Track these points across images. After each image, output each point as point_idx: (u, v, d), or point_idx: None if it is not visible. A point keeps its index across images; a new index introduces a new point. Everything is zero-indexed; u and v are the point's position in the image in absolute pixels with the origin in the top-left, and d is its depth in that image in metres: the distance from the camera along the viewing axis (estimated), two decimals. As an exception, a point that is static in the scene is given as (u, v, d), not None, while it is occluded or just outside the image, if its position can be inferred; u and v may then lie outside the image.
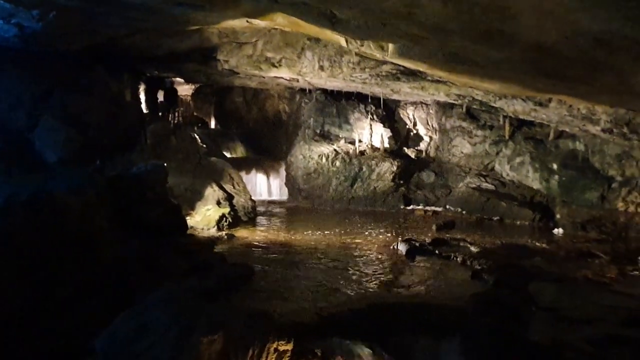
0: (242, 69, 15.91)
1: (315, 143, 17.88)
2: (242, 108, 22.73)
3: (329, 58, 14.60)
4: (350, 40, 9.15)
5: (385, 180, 16.49)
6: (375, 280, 7.70)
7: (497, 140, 15.42)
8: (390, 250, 9.54)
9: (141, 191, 8.23)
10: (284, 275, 7.75)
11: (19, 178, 8.76)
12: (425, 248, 9.25)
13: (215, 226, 10.56)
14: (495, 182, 15.27)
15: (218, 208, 11.05)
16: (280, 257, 8.90)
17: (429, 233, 11.15)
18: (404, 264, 8.74)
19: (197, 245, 8.41)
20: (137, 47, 14.09)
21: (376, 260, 8.94)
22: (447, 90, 14.60)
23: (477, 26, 5.81)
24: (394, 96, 18.35)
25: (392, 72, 14.27)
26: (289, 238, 10.42)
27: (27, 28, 9.40)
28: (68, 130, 10.83)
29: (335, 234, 11.17)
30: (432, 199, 16.05)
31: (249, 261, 7.95)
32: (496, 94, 12.75)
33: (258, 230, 11.08)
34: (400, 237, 10.26)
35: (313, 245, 9.80)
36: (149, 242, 7.50)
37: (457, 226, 12.28)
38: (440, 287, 7.31)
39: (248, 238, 10.02)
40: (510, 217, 13.25)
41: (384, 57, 9.32)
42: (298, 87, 19.03)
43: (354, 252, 9.43)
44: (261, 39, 14.72)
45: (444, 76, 9.87)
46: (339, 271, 8.16)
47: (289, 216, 13.93)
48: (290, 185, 18.18)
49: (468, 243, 9.64)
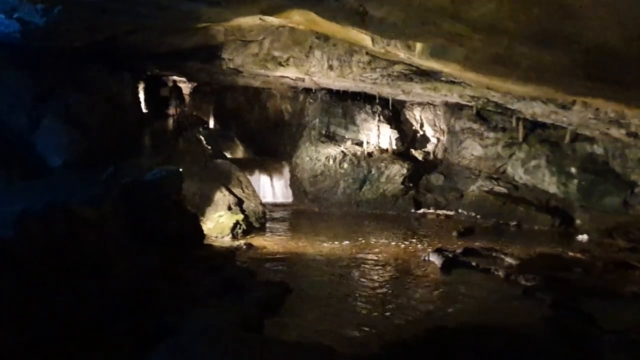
0: (247, 67, 15.37)
1: (321, 144, 17.40)
2: (242, 107, 22.17)
3: (339, 57, 14.12)
4: (376, 40, 8.69)
5: (394, 183, 16.06)
6: (421, 300, 7.25)
7: (510, 143, 15.06)
8: (421, 262, 9.11)
9: (157, 199, 7.68)
10: (319, 294, 7.28)
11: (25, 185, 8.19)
12: (460, 260, 8.81)
13: (230, 234, 10.04)
14: (508, 185, 14.91)
15: (231, 214, 10.52)
16: (307, 271, 8.40)
17: (451, 240, 10.72)
18: (442, 279, 8.26)
19: (219, 258, 7.89)
20: (139, 45, 13.52)
21: (412, 275, 8.48)
22: (461, 91, 14.19)
23: (534, 26, 5.38)
24: (402, 97, 17.91)
25: (405, 73, 13.83)
26: (308, 248, 9.95)
27: (29, 23, 8.80)
28: (71, 132, 10.24)
29: (356, 242, 10.72)
30: (443, 202, 15.65)
31: (277, 276, 7.44)
32: (514, 95, 12.38)
33: (274, 238, 10.57)
34: (430, 248, 9.79)
35: (337, 256, 9.33)
36: (168, 256, 6.97)
37: (476, 232, 11.85)
38: (492, 307, 6.85)
39: (267, 247, 9.51)
40: (528, 222, 12.88)
41: (411, 57, 8.88)
42: (302, 86, 18.55)
43: (387, 265, 8.94)
44: (268, 37, 14.19)
45: (472, 78, 9.44)
46: (380, 289, 7.64)
47: (299, 221, 13.43)
48: (295, 188, 17.68)
49: (501, 253, 9.22)
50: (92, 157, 10.65)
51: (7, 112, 9.65)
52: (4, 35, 9.16)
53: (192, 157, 12.40)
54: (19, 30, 8.92)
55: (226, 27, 13.18)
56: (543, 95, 9.69)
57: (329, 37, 13.54)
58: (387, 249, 10.06)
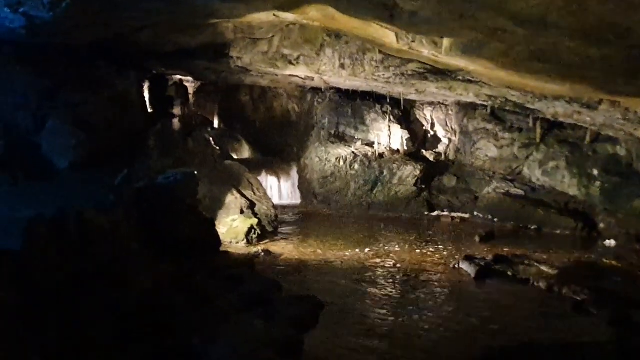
0: (256, 66, 14.93)
1: (331, 145, 16.98)
2: (248, 107, 21.72)
3: (351, 56, 13.70)
4: (401, 36, 8.27)
5: (407, 184, 15.64)
6: (461, 314, 6.81)
7: (527, 144, 14.64)
8: (452, 270, 8.66)
9: (170, 204, 7.25)
10: (351, 308, 6.86)
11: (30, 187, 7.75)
12: (493, 269, 8.35)
13: (244, 239, 9.61)
14: (525, 187, 14.49)
15: (244, 219, 10.09)
16: (333, 282, 7.94)
17: (474, 245, 10.30)
18: (479, 290, 7.81)
19: (238, 267, 7.46)
20: (145, 43, 13.09)
21: (444, 285, 8.03)
22: (478, 90, 13.76)
23: (588, 19, 4.96)
24: (413, 96, 17.49)
25: (419, 71, 13.39)
26: (328, 255, 9.52)
27: (36, 18, 8.36)
28: (77, 133, 9.82)
29: (376, 248, 10.27)
30: (457, 204, 15.23)
31: (304, 288, 6.98)
32: (536, 95, 11.97)
33: (289, 243, 10.14)
34: (455, 254, 9.35)
35: (360, 265, 8.91)
36: (184, 265, 6.54)
37: (497, 236, 11.42)
38: (543, 324, 6.41)
39: (284, 254, 9.08)
40: (548, 225, 12.46)
41: (436, 54, 8.46)
42: (310, 85, 18.12)
43: (415, 275, 8.52)
44: (278, 34, 13.77)
45: (499, 76, 9.00)
46: (414, 302, 7.24)
47: (311, 224, 12.99)
48: (304, 189, 17.26)
49: (534, 261, 8.78)
50: (99, 159, 10.23)
51: (12, 112, 9.22)
52: (8, 32, 8.72)
53: (201, 158, 11.98)
54: (25, 25, 8.48)
55: (236, 24, 12.78)
56: (573, 95, 9.25)
57: (340, 35, 13.13)
58: (411, 256, 9.63)
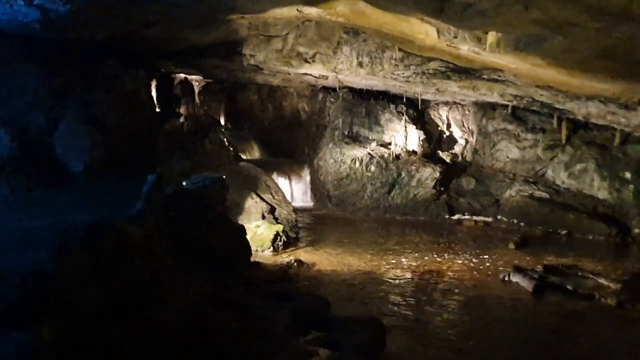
0: (269, 64, 14.42)
1: (346, 146, 16.46)
2: (256, 106, 21.19)
3: (369, 54, 13.22)
4: (443, 31, 7.79)
5: (426, 187, 15.16)
6: (535, 337, 6.25)
7: (551, 145, 14.18)
8: (503, 284, 8.10)
9: (199, 211, 6.73)
10: (417, 332, 6.32)
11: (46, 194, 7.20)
12: (550, 282, 7.79)
13: (271, 247, 9.09)
14: (549, 190, 14.04)
15: (269, 225, 9.55)
16: (381, 296, 7.41)
17: (509, 253, 9.80)
18: (541, 308, 7.20)
19: (275, 280, 6.92)
20: (155, 40, 12.59)
21: (504, 302, 7.40)
22: (503, 89, 13.30)
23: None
24: (429, 96, 17.03)
25: (441, 70, 12.93)
26: (364, 264, 8.97)
27: (51, 12, 7.80)
28: (93, 134, 9.27)
29: (412, 256, 9.72)
30: (478, 207, 14.75)
31: (355, 306, 6.42)
32: (567, 95, 11.51)
33: (317, 251, 9.59)
34: (498, 263, 8.82)
35: (403, 277, 8.38)
36: (218, 278, 6.02)
37: (531, 243, 10.93)
38: (631, 353, 5.86)
39: (317, 264, 8.53)
40: (580, 230, 11.98)
41: (478, 50, 7.97)
42: (323, 85, 17.62)
43: (467, 290, 7.92)
44: (293, 31, 13.27)
45: (544, 75, 8.50)
46: (476, 320, 6.72)
47: (332, 229, 12.45)
48: (317, 191, 16.75)
49: (588, 272, 8.27)
50: (114, 161, 9.68)
51: (23, 112, 8.64)
52: (21, 26, 8.16)
53: (219, 160, 11.44)
54: (39, 19, 7.92)
55: (251, 20, 12.32)
56: (623, 95, 8.78)
57: (358, 33, 12.66)
58: (452, 266, 9.11)
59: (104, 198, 7.87)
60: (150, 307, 4.84)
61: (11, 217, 6.51)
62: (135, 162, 10.61)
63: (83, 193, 7.97)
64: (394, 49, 12.99)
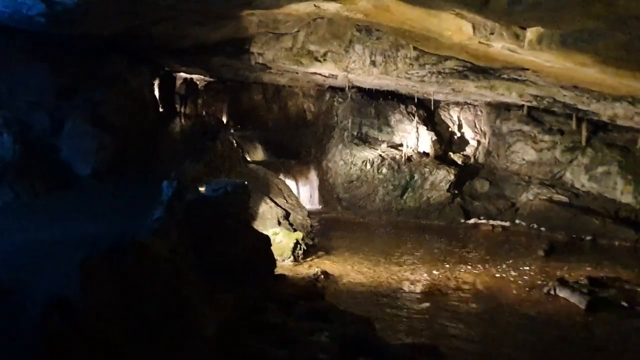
0: (278, 63, 13.87)
1: (356, 147, 15.97)
2: (261, 106, 20.61)
3: (383, 52, 12.69)
4: (479, 27, 7.31)
5: (440, 190, 14.69)
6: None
7: (570, 147, 13.74)
8: (549, 298, 7.55)
9: (222, 220, 6.22)
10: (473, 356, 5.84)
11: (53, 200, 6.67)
12: (602, 297, 7.25)
13: (291, 256, 8.57)
14: (568, 193, 13.60)
15: (287, 232, 9.02)
16: (424, 317, 6.88)
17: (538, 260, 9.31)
18: (604, 329, 6.63)
19: (304, 295, 6.38)
20: (161, 38, 12.04)
21: (559, 321, 6.87)
22: (522, 90, 12.83)
23: None
24: (440, 96, 16.58)
25: (458, 69, 12.43)
26: (392, 277, 8.40)
27: (57, 4, 7.27)
28: (100, 135, 8.73)
29: (442, 268, 9.17)
30: (494, 211, 14.29)
31: (398, 328, 5.89)
32: (593, 95, 11.07)
33: (339, 260, 9.04)
34: (541, 276, 8.36)
35: (438, 291, 7.88)
36: (244, 293, 5.51)
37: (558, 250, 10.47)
38: None
39: (343, 276, 7.97)
40: (605, 236, 11.54)
41: (514, 48, 7.49)
42: (331, 84, 17.11)
43: (512, 306, 7.38)
44: (303, 29, 12.74)
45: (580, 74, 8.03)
46: (536, 345, 6.23)
47: (346, 234, 11.91)
48: (326, 194, 16.23)
49: (637, 286, 7.78)
50: (122, 164, 9.14)
51: (26, 111, 8.09)
52: (25, 20, 7.61)
53: (230, 162, 10.92)
54: (44, 12, 7.38)
55: (261, 17, 11.80)
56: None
57: (372, 31, 12.16)
58: (486, 278, 8.58)
59: (115, 204, 7.35)
60: (180, 332, 4.34)
61: (17, 227, 5.98)
62: (142, 165, 10.09)
63: (92, 199, 7.45)
64: (408, 48, 12.50)
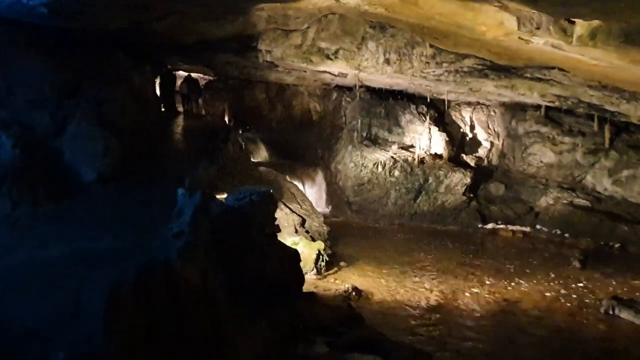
0: (287, 61, 13.24)
1: (366, 149, 15.35)
2: (264, 106, 19.94)
3: (397, 50, 12.08)
4: (524, 21, 6.75)
5: (455, 193, 14.12)
6: None
7: (592, 149, 13.21)
8: (609, 319, 7.03)
9: (248, 233, 5.58)
10: None
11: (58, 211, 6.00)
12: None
13: (314, 268, 7.93)
14: (589, 197, 13.09)
15: (307, 242, 8.38)
16: (476, 345, 6.23)
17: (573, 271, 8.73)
18: None
19: (343, 319, 5.73)
20: (166, 34, 11.45)
21: (626, 348, 6.33)
22: (545, 89, 12.28)
23: None
24: (452, 96, 16.03)
25: (478, 68, 11.89)
26: (428, 294, 7.75)
27: (62, -6, 6.65)
28: (106, 136, 8.05)
29: (475, 278, 8.60)
30: (512, 216, 13.74)
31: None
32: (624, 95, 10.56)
33: (363, 272, 8.36)
34: (588, 291, 7.84)
35: (481, 312, 7.22)
36: (279, 318, 4.89)
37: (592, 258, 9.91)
38: None
39: (374, 293, 7.22)
40: (635, 243, 11.03)
41: (562, 43, 6.93)
42: (340, 83, 16.48)
43: (570, 328, 6.82)
44: (313, 25, 12.11)
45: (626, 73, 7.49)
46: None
47: (362, 240, 11.29)
48: (335, 197, 15.61)
49: None
50: (129, 168, 8.45)
51: (25, 111, 7.40)
52: (25, 11, 6.93)
53: (241, 165, 10.27)
54: (47, 2, 6.72)
55: (270, 12, 11.18)
56: None
57: (385, 27, 11.56)
58: (528, 293, 7.99)
59: (124, 213, 6.70)
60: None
61: (18, 243, 5.33)
62: (147, 168, 9.42)
63: (98, 207, 6.79)
64: (424, 45, 11.93)
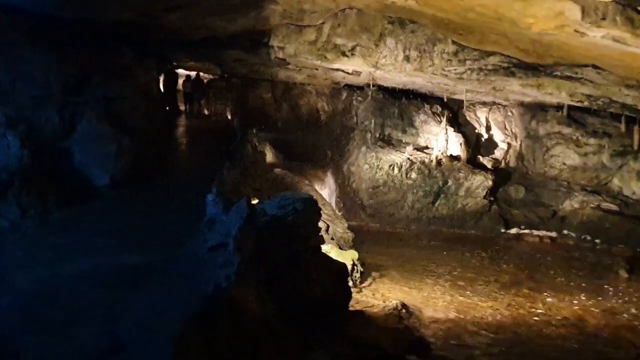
0: (300, 57, 12.60)
1: (381, 150, 14.70)
2: (269, 105, 19.19)
3: (418, 47, 11.47)
4: (589, 11, 6.15)
5: (476, 197, 13.54)
6: None
7: (620, 151, 12.68)
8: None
9: (292, 245, 4.89)
10: None
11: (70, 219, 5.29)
12: None
13: (350, 281, 7.25)
14: (617, 201, 12.55)
15: (339, 251, 7.71)
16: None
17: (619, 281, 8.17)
18: None
19: (405, 344, 5.05)
20: (173, 29, 10.86)
21: None
22: (574, 88, 11.71)
23: None
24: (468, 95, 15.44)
25: (503, 66, 11.30)
26: (484, 309, 7.13)
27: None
28: (118, 136, 7.33)
29: (521, 291, 8.04)
30: (535, 220, 13.18)
31: None
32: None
33: (404, 285, 7.67)
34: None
35: (546, 332, 6.64)
36: (335, 345, 4.22)
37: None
38: None
39: (423, 310, 6.45)
40: (675, 250, 10.54)
41: (628, 35, 6.35)
42: (346, 82, 15.85)
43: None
44: (329, 21, 11.52)
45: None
46: None
47: (384, 247, 10.74)
48: (348, 200, 14.95)
49: None
50: (143, 171, 7.73)
51: (31, 108, 6.66)
52: (28, 1, 6.19)
53: (261, 168, 9.60)
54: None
55: (285, 6, 10.58)
56: None
57: (405, 23, 10.98)
58: (587, 310, 7.34)
59: (141, 221, 6.01)
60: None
61: (30, 257, 4.60)
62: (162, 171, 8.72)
63: (115, 216, 6.08)
64: (446, 42, 11.39)
